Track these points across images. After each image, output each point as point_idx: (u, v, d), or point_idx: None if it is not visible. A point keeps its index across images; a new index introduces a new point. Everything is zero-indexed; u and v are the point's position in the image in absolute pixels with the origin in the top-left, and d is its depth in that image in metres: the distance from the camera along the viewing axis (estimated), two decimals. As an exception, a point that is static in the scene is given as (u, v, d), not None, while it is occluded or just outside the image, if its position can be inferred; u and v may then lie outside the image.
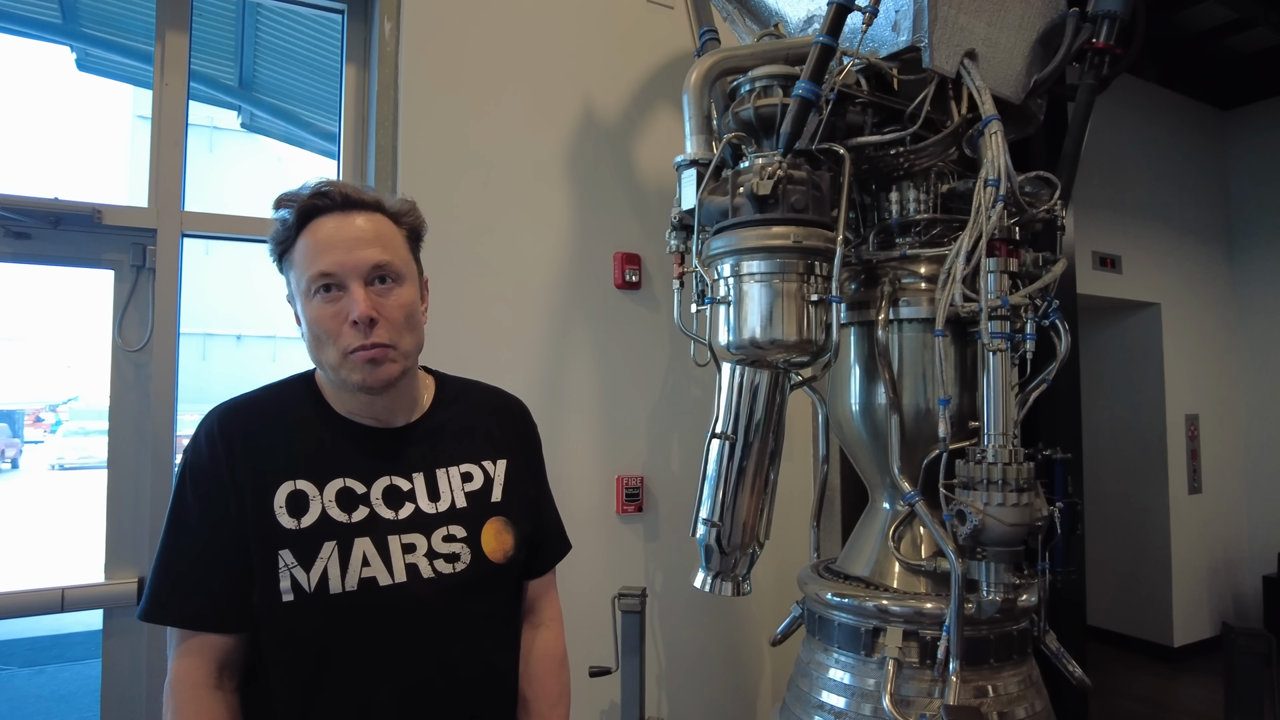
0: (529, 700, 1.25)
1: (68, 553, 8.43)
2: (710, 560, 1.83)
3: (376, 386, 1.08)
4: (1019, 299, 1.69)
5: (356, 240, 1.08)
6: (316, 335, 1.08)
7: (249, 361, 23.63)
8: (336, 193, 1.11)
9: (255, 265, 21.75)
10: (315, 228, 1.09)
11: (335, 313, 1.06)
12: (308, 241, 1.08)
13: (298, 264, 1.09)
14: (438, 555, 1.11)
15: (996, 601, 1.63)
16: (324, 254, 1.07)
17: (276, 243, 1.12)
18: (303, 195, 1.10)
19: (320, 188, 1.11)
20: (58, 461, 17.46)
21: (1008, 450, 1.62)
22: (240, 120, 5.23)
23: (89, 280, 22.44)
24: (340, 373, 1.08)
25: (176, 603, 1.04)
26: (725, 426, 1.79)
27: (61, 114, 29.50)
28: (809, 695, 1.87)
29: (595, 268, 2.65)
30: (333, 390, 1.15)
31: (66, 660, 5.18)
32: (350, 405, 1.14)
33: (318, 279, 1.06)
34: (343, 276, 1.06)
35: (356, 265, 1.07)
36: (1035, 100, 2.06)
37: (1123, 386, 5.02)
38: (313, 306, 1.07)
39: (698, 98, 1.87)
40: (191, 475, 1.07)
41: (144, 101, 13.31)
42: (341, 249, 1.07)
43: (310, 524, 1.05)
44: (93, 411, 22.82)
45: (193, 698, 1.02)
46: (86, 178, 23.67)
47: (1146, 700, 4.25)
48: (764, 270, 1.67)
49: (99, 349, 2.23)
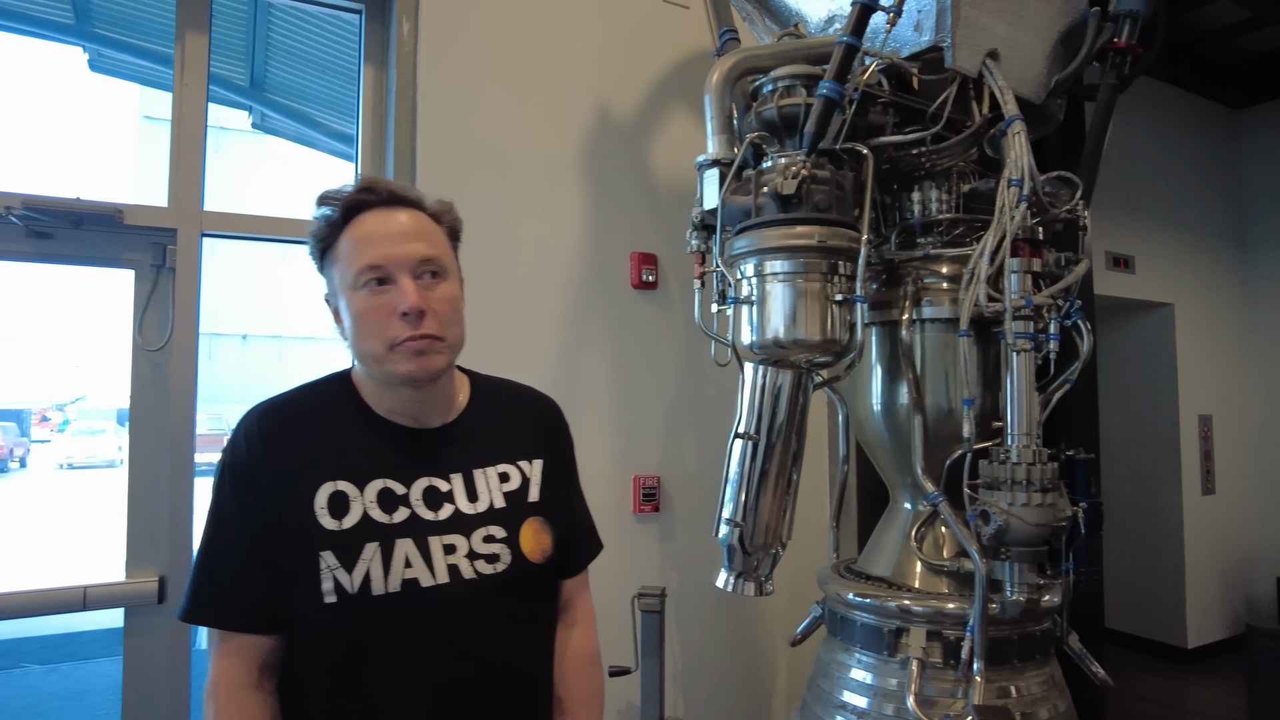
0: (562, 700, 1.25)
1: (80, 551, 8.47)
2: (733, 560, 1.83)
3: (424, 377, 1.09)
4: (1043, 299, 1.68)
5: (403, 234, 1.09)
6: (363, 328, 1.08)
7: (255, 361, 23.67)
8: (382, 189, 1.12)
9: (260, 265, 21.71)
10: (360, 223, 1.10)
11: (383, 304, 1.07)
12: (354, 236, 1.09)
13: (343, 258, 1.09)
14: (478, 556, 1.11)
15: (1020, 602, 1.62)
16: (372, 247, 1.07)
17: (318, 239, 1.12)
18: (347, 192, 1.11)
19: (365, 184, 1.12)
20: (66, 460, 17.52)
21: (1031, 450, 1.62)
22: (251, 120, 5.24)
23: (97, 280, 22.31)
24: (386, 365, 1.08)
25: (217, 604, 1.04)
26: (748, 427, 1.79)
27: (71, 114, 29.65)
28: (830, 695, 1.87)
29: (611, 267, 2.66)
30: (371, 389, 1.15)
31: (79, 659, 5.20)
32: (389, 404, 1.14)
33: (366, 272, 1.07)
34: (391, 269, 1.07)
35: (405, 258, 1.08)
36: (1055, 100, 2.05)
37: (1136, 387, 5.00)
38: (360, 299, 1.08)
39: (719, 97, 1.87)
40: (230, 476, 1.07)
41: (151, 102, 13.31)
42: (389, 242, 1.08)
43: (352, 525, 1.05)
44: (100, 411, 22.92)
45: (233, 699, 1.02)
46: (97, 178, 23.77)
47: (1160, 702, 4.24)
48: (787, 270, 1.67)
49: (107, 349, 2.25)
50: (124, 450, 7.91)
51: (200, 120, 2.33)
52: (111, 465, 17.40)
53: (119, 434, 19.20)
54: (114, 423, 20.63)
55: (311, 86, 4.61)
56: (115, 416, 22.10)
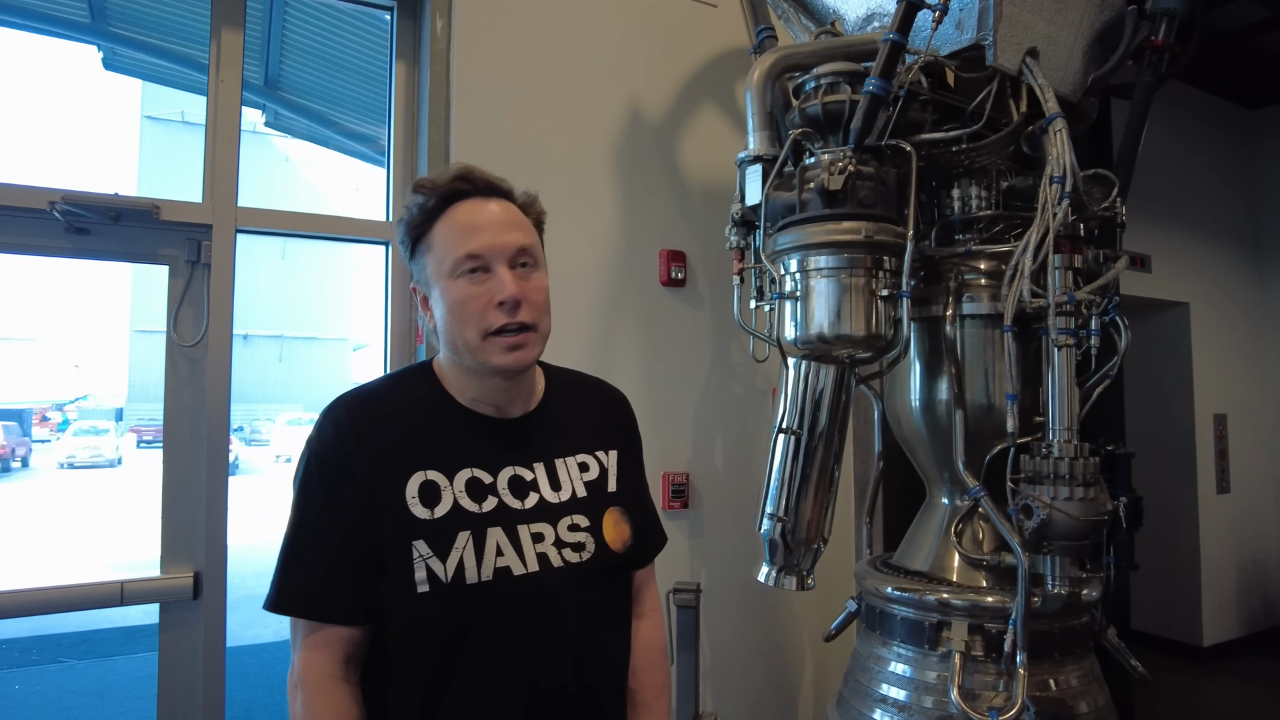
0: (634, 691, 1.26)
1: (92, 549, 8.48)
2: (774, 555, 1.84)
3: (517, 369, 1.10)
4: (1085, 295, 1.69)
5: (501, 224, 1.11)
6: (460, 316, 1.09)
7: (256, 362, 23.73)
8: (479, 178, 1.14)
9: (262, 265, 21.69)
10: (457, 211, 1.11)
11: (482, 293, 1.08)
12: (452, 224, 1.11)
13: (439, 245, 1.11)
14: (565, 545, 1.12)
15: (1061, 595, 1.64)
16: (472, 236, 1.09)
17: (411, 227, 1.13)
18: (444, 180, 1.13)
19: (461, 172, 1.13)
20: (68, 460, 17.51)
21: (1073, 445, 1.63)
22: (265, 119, 5.25)
23: (100, 280, 22.25)
24: (480, 355, 1.09)
25: (305, 595, 1.04)
26: (791, 422, 1.79)
27: (72, 113, 29.71)
28: (869, 689, 1.88)
29: (641, 265, 2.67)
30: (456, 378, 1.15)
31: (96, 656, 5.21)
32: (474, 393, 1.15)
33: (465, 260, 1.08)
34: (490, 258, 1.09)
35: (503, 248, 1.10)
36: (1090, 99, 2.06)
37: (1152, 386, 5.01)
38: (458, 287, 1.09)
39: (760, 94, 1.88)
40: (319, 466, 1.07)
41: (154, 103, 13.37)
42: (489, 232, 1.10)
43: (444, 514, 1.05)
44: (102, 411, 22.96)
45: (322, 689, 1.02)
46: (99, 178, 23.84)
47: (1179, 700, 4.25)
48: (832, 265, 1.68)
49: (110, 349, 2.25)
50: (120, 449, 7.90)
51: (235, 117, 2.34)
52: (113, 465, 17.42)
53: (119, 433, 19.24)
54: (114, 422, 20.66)
55: (327, 85, 4.62)
56: (115, 415, 22.15)
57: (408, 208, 1.14)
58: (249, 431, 21.69)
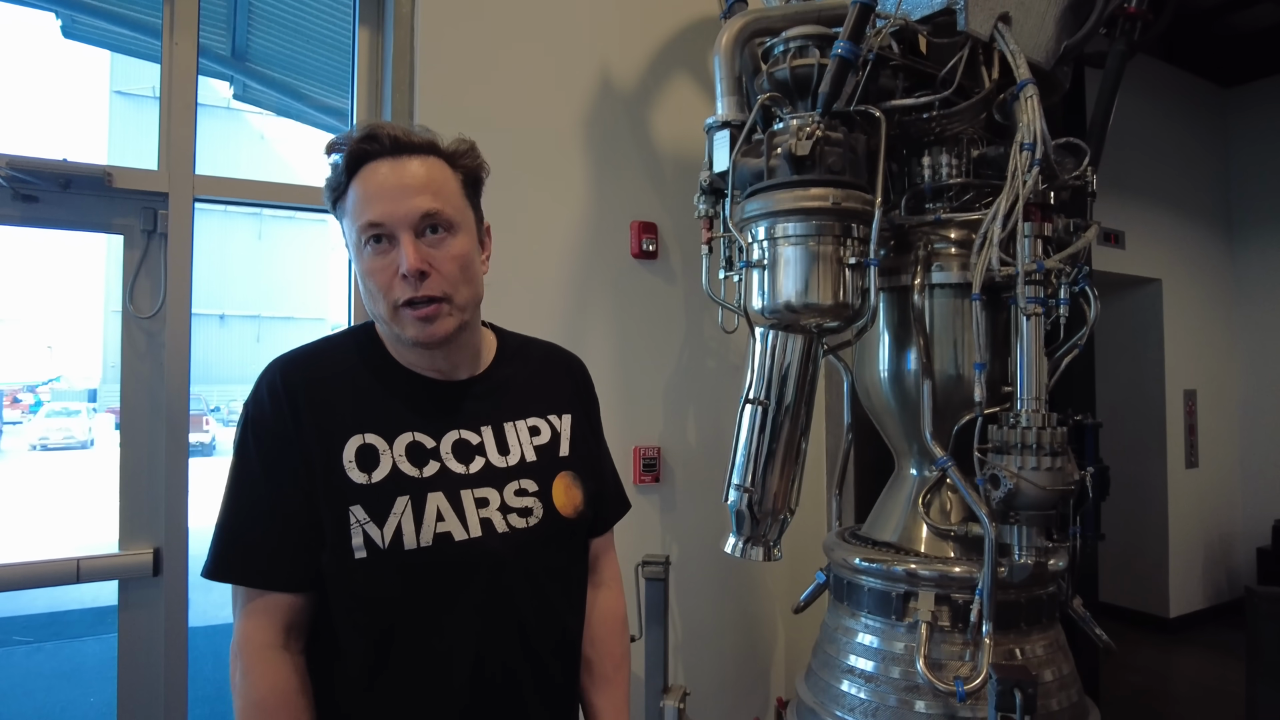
0: (592, 661, 1.24)
1: (62, 529, 8.37)
2: (741, 526, 1.82)
3: (430, 342, 1.06)
4: (1054, 264, 1.68)
5: (405, 188, 1.04)
6: (368, 289, 1.05)
7: (234, 342, 23.44)
8: (385, 135, 1.05)
9: (237, 244, 21.38)
10: (365, 175, 1.05)
11: (385, 265, 1.03)
12: (357, 190, 1.05)
13: (349, 214, 1.06)
14: (510, 510, 1.09)
15: (1028, 565, 1.63)
16: (372, 204, 1.03)
17: (330, 189, 1.08)
18: (351, 140, 1.05)
19: (369, 130, 1.06)
20: (40, 442, 17.24)
21: (1041, 415, 1.62)
22: (233, 91, 5.13)
23: (71, 258, 21.80)
24: (394, 327, 1.05)
25: (242, 561, 1.01)
26: (758, 393, 1.77)
27: (41, 84, 28.98)
28: (837, 660, 1.87)
29: (611, 236, 2.63)
30: (393, 342, 1.12)
31: (65, 638, 5.15)
32: (411, 358, 1.12)
33: (366, 230, 1.03)
34: (392, 227, 1.03)
35: (405, 215, 1.03)
36: (1063, 68, 2.04)
37: (1124, 362, 5.05)
38: (364, 259, 1.04)
39: (729, 59, 1.84)
40: (254, 430, 1.03)
41: (122, 76, 13.08)
42: (389, 198, 1.03)
43: (381, 479, 1.02)
44: (74, 392, 22.61)
45: (261, 658, 0.99)
46: (69, 151, 23.34)
47: (1146, 670, 4.32)
48: (800, 233, 1.65)
49: (83, 330, 2.18)
50: (93, 431, 7.79)
51: (191, 82, 2.26)
52: (85, 446, 17.18)
53: (92, 415, 18.97)
54: (87, 403, 20.36)
55: (297, 56, 4.52)
56: (87, 396, 21.83)
57: (330, 169, 1.08)
58: (226, 412, 21.50)
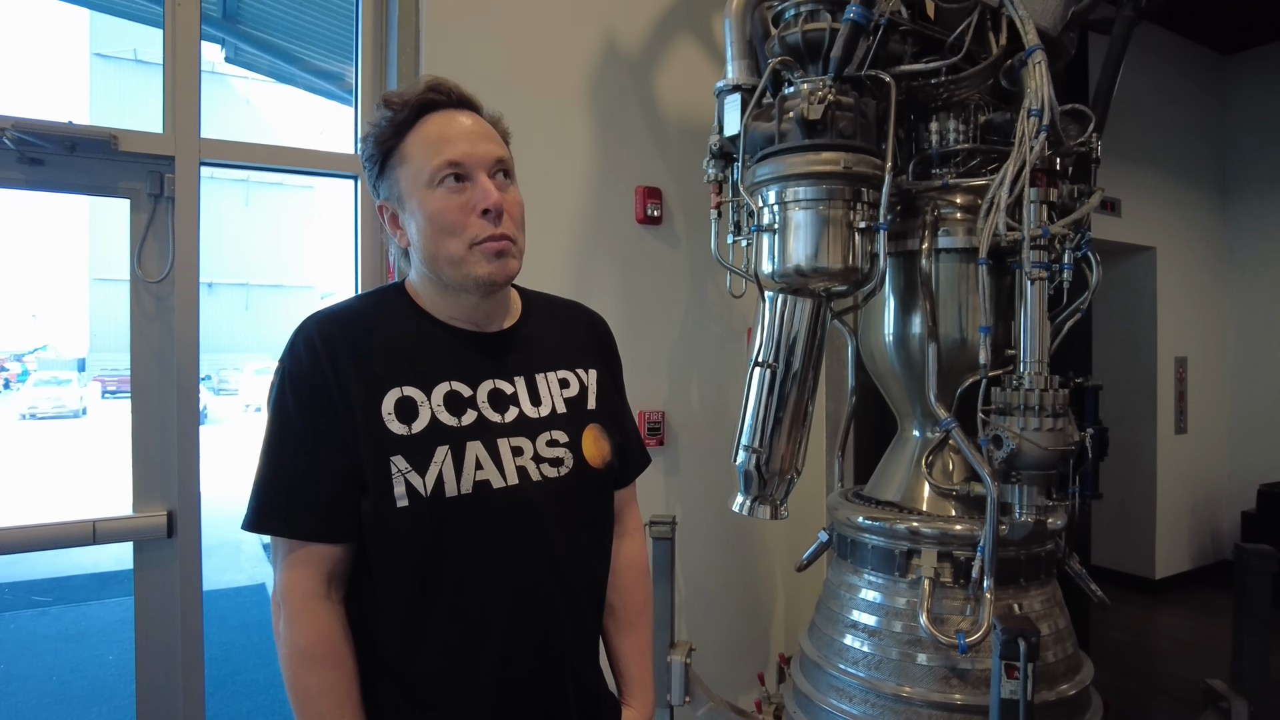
0: (615, 608, 1.28)
1: (63, 495, 8.38)
2: (749, 485, 1.87)
3: (500, 280, 1.09)
4: (1059, 229, 1.71)
5: (479, 134, 1.09)
6: (440, 226, 1.06)
7: (222, 310, 23.28)
8: (452, 89, 1.11)
9: (226, 212, 21.08)
10: (435, 120, 1.08)
11: (463, 204, 1.06)
12: (426, 134, 1.08)
13: (415, 156, 1.07)
14: (543, 459, 1.12)
15: (1028, 523, 1.68)
16: (451, 143, 1.06)
17: (379, 142, 1.10)
18: (415, 92, 1.09)
19: (435, 83, 1.10)
20: (29, 411, 17.16)
21: (1043, 377, 1.66)
22: (225, 54, 5.06)
23: (55, 226, 21.43)
24: (464, 266, 1.07)
25: (285, 513, 1.03)
26: (767, 355, 1.80)
27: (16, 45, 28.36)
28: (841, 615, 1.93)
29: (617, 201, 2.64)
30: (431, 296, 1.14)
31: (69, 602, 5.19)
32: (450, 310, 1.13)
33: (444, 168, 1.05)
34: (470, 167, 1.06)
35: (482, 157, 1.07)
36: (1069, 34, 2.05)
37: (1118, 329, 5.11)
38: (437, 197, 1.06)
39: (740, 22, 1.84)
40: (292, 384, 1.05)
41: (102, 38, 12.80)
42: (467, 140, 1.07)
43: (421, 429, 1.04)
44: (62, 361, 22.46)
45: (305, 607, 1.02)
46: (49, 113, 22.89)
47: (1131, 629, 4.44)
48: (811, 197, 1.68)
49: (68, 299, 2.18)
50: (84, 400, 7.73)
51: (195, 44, 2.24)
52: (77, 415, 17.12)
53: (82, 384, 18.88)
54: (76, 372, 20.23)
55: (291, 18, 4.45)
56: (77, 366, 21.69)
57: (374, 124, 1.10)
58: (217, 381, 21.41)
